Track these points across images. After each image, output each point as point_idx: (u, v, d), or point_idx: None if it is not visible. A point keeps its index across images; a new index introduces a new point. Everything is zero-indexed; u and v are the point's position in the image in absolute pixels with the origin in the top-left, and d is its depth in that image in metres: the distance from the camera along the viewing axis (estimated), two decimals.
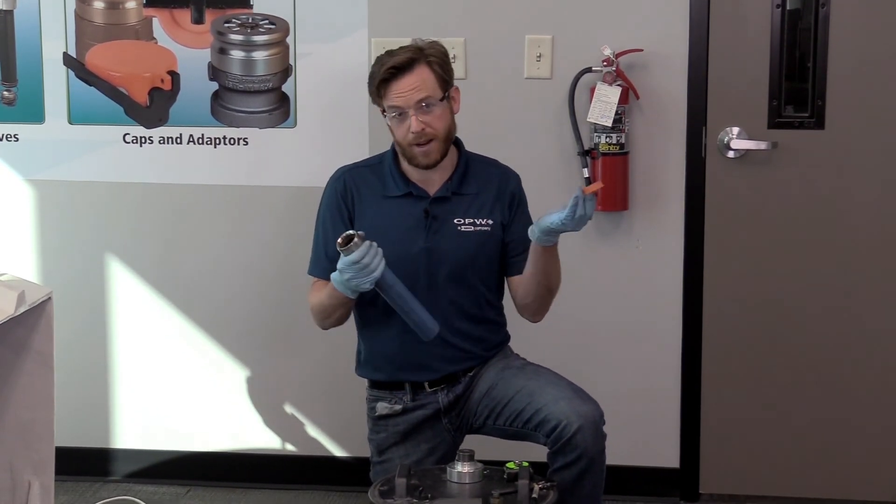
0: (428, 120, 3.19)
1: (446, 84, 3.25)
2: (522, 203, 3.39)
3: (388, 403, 3.35)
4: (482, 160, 3.40)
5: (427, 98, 3.19)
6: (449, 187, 3.30)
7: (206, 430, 4.33)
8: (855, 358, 4.04)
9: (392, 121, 3.23)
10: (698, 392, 4.09)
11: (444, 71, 3.25)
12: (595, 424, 3.10)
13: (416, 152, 3.22)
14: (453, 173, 3.32)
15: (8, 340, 2.77)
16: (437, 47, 3.27)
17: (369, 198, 3.32)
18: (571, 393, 3.17)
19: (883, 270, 4.00)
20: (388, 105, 3.22)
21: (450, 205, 3.29)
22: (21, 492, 2.88)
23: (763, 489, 4.14)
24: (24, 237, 4.30)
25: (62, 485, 4.15)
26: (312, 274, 3.36)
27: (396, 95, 3.19)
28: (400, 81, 3.19)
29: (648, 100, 3.96)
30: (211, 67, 4.12)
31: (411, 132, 3.19)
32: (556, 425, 3.10)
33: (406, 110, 3.19)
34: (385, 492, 2.92)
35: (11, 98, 4.22)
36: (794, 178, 4.00)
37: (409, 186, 3.30)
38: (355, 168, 3.39)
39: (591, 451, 3.09)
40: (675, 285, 4.06)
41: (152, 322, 4.29)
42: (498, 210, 3.32)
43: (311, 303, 3.32)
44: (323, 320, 3.31)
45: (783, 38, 3.94)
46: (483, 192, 3.33)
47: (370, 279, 3.04)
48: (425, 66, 3.21)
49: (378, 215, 3.29)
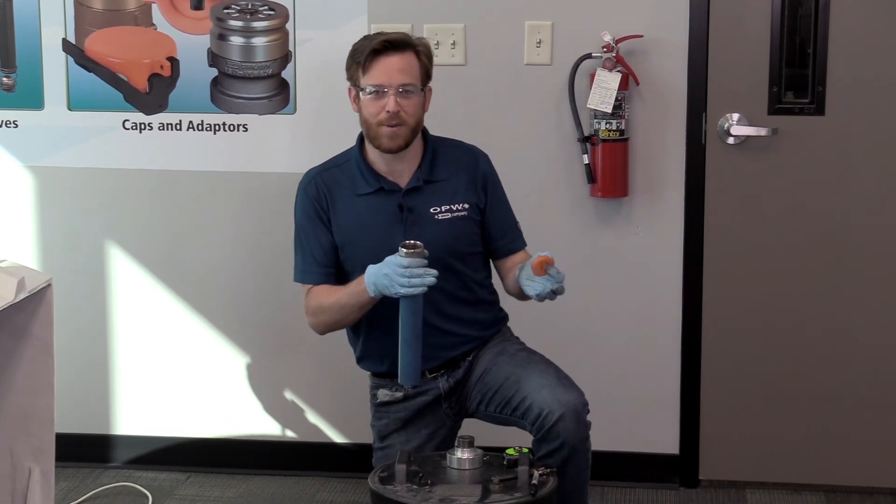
0: (404, 104, 3.19)
1: (426, 79, 3.28)
2: (495, 185, 3.38)
3: (389, 391, 3.35)
4: (448, 143, 3.39)
5: (410, 84, 3.20)
6: (420, 176, 3.28)
7: (206, 417, 4.33)
8: (856, 343, 4.04)
9: (367, 99, 3.21)
10: (698, 378, 4.09)
11: (428, 65, 3.28)
12: (577, 413, 3.09)
13: (384, 132, 3.20)
14: (422, 161, 3.31)
15: (8, 327, 2.77)
16: (425, 42, 3.31)
17: (341, 199, 3.30)
18: (556, 381, 3.16)
19: (883, 256, 4.00)
20: (368, 82, 3.19)
21: (423, 194, 3.28)
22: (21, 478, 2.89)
23: (763, 475, 4.14)
24: (24, 224, 4.29)
25: (62, 471, 4.15)
26: (303, 281, 3.33)
27: (382, 72, 3.18)
28: (390, 58, 3.19)
29: (648, 86, 3.96)
30: (210, 54, 4.11)
31: (386, 110, 3.18)
32: (539, 413, 3.10)
33: (387, 89, 3.18)
34: (385, 478, 2.93)
35: (10, 84, 4.21)
36: (795, 165, 4.00)
37: (380, 181, 3.28)
38: (324, 170, 3.36)
39: (573, 440, 3.08)
40: (674, 271, 4.06)
41: (152, 308, 4.29)
42: (472, 192, 3.31)
43: (317, 306, 3.28)
44: (334, 323, 3.28)
45: (783, 24, 3.93)
46: (454, 176, 3.32)
47: (405, 288, 3.01)
48: (414, 53, 3.23)
49: (352, 215, 3.28)
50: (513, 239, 3.36)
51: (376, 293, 3.10)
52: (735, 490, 4.13)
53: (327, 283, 3.29)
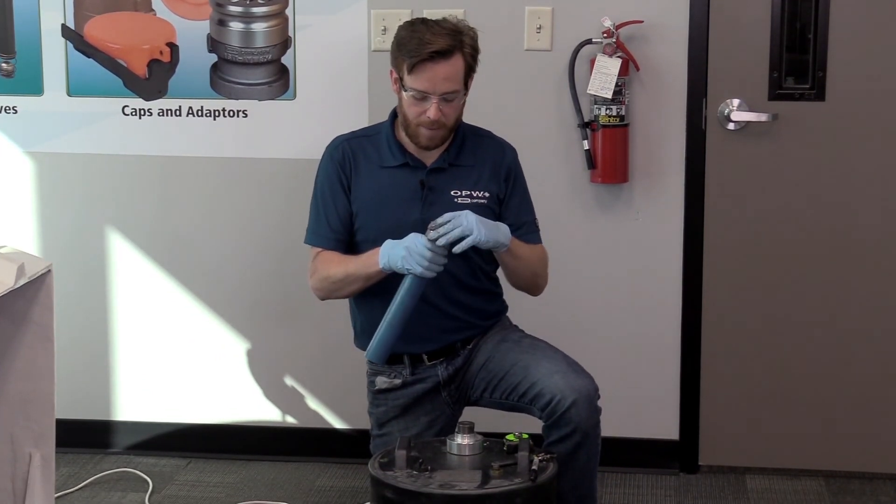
0: (445, 109, 3.18)
1: (470, 73, 3.24)
2: (518, 179, 3.38)
3: (388, 378, 3.35)
4: (479, 132, 3.39)
5: (453, 91, 3.18)
6: (446, 158, 3.29)
7: (206, 403, 4.33)
8: (856, 329, 4.05)
9: (409, 98, 3.19)
10: (698, 364, 4.10)
11: (473, 61, 3.23)
12: (589, 398, 3.11)
13: (423, 133, 3.21)
14: (450, 144, 3.31)
15: (8, 313, 2.77)
16: (472, 34, 3.24)
17: (366, 168, 3.31)
18: (566, 367, 3.17)
19: (883, 242, 4.00)
20: (412, 85, 3.16)
21: (446, 176, 3.28)
22: (22, 463, 2.89)
23: (762, 461, 4.15)
24: (24, 210, 4.29)
25: (63, 457, 4.16)
26: (314, 244, 3.33)
27: (427, 80, 3.15)
28: (436, 67, 3.14)
29: (648, 71, 3.95)
30: (210, 39, 4.10)
31: (427, 116, 3.17)
32: (551, 399, 3.10)
33: (430, 95, 3.16)
34: (385, 464, 2.93)
35: (10, 70, 4.20)
36: (795, 150, 3.99)
37: (406, 157, 3.28)
38: (353, 138, 3.37)
39: (586, 425, 3.09)
40: (674, 257, 4.06)
41: (152, 294, 4.29)
42: (494, 183, 3.31)
43: (324, 270, 3.27)
44: (336, 290, 3.26)
45: (784, 9, 3.92)
46: (479, 164, 3.32)
47: (420, 267, 3.03)
48: (460, 55, 3.18)
49: (374, 185, 3.29)
50: (527, 233, 3.34)
51: (386, 267, 3.11)
52: (735, 476, 4.14)
53: (337, 249, 3.29)
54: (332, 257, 3.28)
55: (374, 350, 3.15)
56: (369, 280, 3.20)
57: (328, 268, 3.27)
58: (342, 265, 3.24)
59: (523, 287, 3.36)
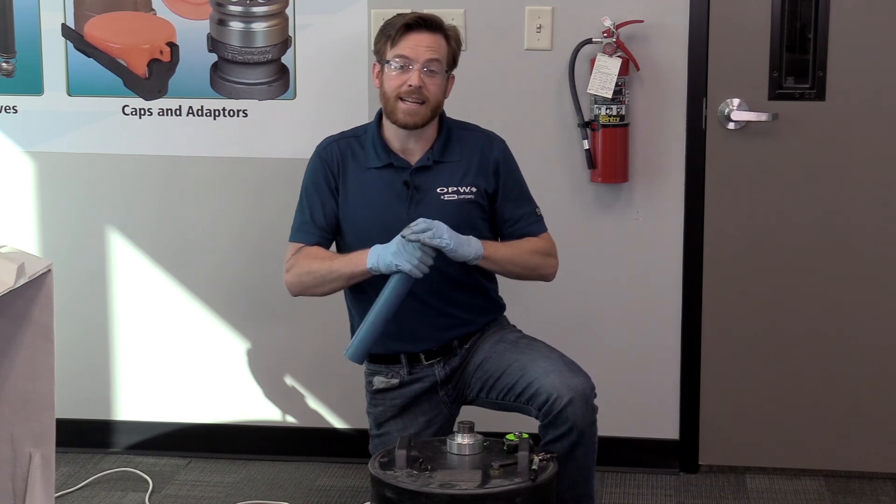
0: (427, 82, 3.20)
1: (452, 64, 3.30)
2: (510, 171, 3.37)
3: (385, 378, 3.35)
4: (465, 126, 3.39)
5: (436, 62, 3.21)
6: (430, 156, 3.29)
7: (206, 403, 4.33)
8: (856, 328, 4.05)
9: (391, 72, 3.21)
10: (698, 364, 4.10)
11: (456, 51, 3.30)
12: (585, 397, 3.11)
13: (402, 107, 3.21)
14: (434, 142, 3.31)
15: (8, 312, 2.77)
16: (456, 31, 3.33)
17: (353, 169, 3.31)
18: (562, 366, 3.17)
19: (883, 241, 4.00)
20: (395, 53, 3.20)
21: (431, 174, 3.28)
22: (22, 463, 2.89)
23: (762, 461, 4.15)
24: (24, 209, 4.29)
25: (63, 456, 4.16)
26: (298, 240, 3.33)
27: (411, 46, 3.20)
28: (421, 34, 3.21)
29: (649, 71, 3.95)
30: (210, 39, 4.11)
31: (409, 84, 3.18)
32: (547, 398, 3.10)
33: (413, 63, 3.19)
34: (385, 463, 2.93)
35: (10, 70, 4.20)
36: (795, 150, 3.99)
37: (391, 157, 3.29)
38: (343, 138, 3.38)
39: (582, 424, 3.09)
40: (675, 257, 4.06)
41: (152, 294, 4.29)
42: (482, 177, 3.31)
43: (305, 266, 3.26)
44: (314, 286, 3.26)
45: (784, 9, 3.92)
46: (466, 158, 3.32)
47: (409, 265, 3.05)
48: (444, 37, 3.25)
49: (360, 187, 3.29)
50: (526, 225, 3.34)
51: (374, 268, 3.12)
52: (735, 475, 4.14)
53: (321, 246, 3.30)
54: (316, 252, 3.29)
55: (355, 350, 3.15)
56: (352, 279, 3.21)
57: (311, 263, 3.27)
58: (326, 262, 3.25)
59: (527, 280, 3.36)
